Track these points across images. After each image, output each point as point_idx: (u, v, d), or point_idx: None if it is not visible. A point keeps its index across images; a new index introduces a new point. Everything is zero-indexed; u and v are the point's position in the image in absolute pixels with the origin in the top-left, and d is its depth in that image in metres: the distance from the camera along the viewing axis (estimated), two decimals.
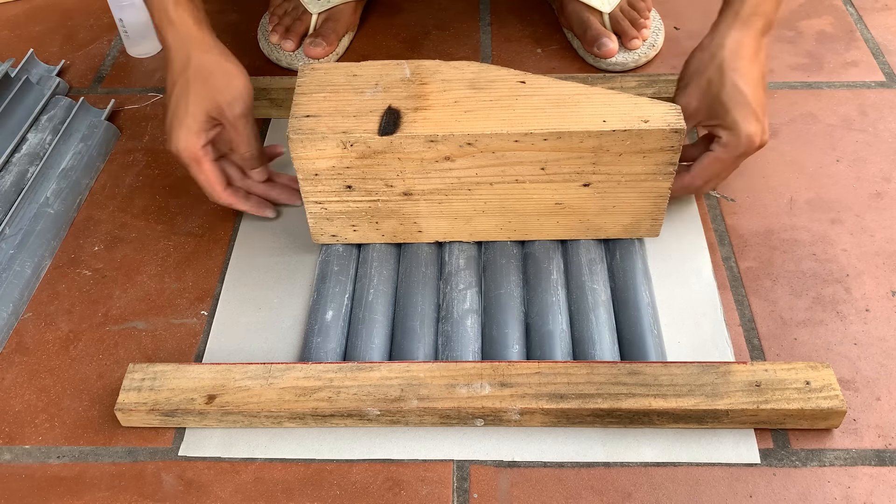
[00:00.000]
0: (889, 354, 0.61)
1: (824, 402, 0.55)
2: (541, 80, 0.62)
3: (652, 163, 0.60)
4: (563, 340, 0.61)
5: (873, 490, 0.54)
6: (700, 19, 0.94)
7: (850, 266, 0.67)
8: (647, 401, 0.55)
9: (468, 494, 0.55)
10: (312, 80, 0.63)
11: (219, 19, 0.96)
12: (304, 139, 0.59)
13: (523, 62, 0.89)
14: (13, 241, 0.69)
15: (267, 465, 0.57)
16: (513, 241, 0.67)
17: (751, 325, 0.64)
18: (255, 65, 0.90)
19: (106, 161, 0.80)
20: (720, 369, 0.56)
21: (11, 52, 0.92)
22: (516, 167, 0.61)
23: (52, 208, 0.72)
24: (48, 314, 0.67)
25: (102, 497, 0.55)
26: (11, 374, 0.63)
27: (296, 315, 0.65)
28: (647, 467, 0.56)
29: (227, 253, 0.71)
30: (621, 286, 0.65)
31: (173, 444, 0.58)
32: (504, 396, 0.56)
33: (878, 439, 0.57)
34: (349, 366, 0.58)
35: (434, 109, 0.60)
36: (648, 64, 0.87)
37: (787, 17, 0.94)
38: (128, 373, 0.58)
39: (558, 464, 0.56)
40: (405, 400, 0.56)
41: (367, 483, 0.55)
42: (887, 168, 0.75)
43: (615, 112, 0.59)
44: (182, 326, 0.65)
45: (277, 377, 0.57)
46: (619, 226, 0.66)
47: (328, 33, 0.88)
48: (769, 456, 0.56)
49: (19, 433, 0.59)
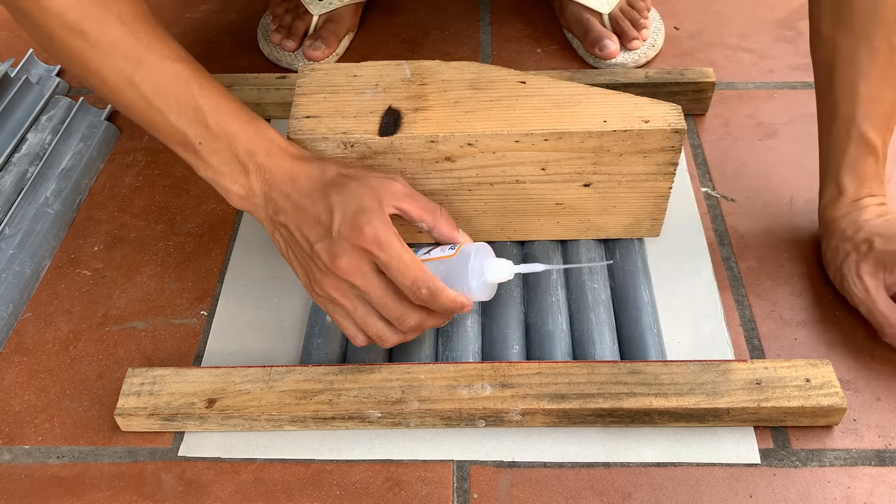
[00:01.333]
0: (889, 354, 0.61)
1: (824, 400, 0.55)
2: (541, 80, 0.62)
3: (652, 163, 0.60)
4: (563, 340, 0.61)
5: (873, 490, 0.54)
6: (700, 19, 0.94)
7: None
8: (648, 400, 0.55)
9: (468, 495, 0.55)
10: (312, 80, 0.63)
11: (219, 19, 0.96)
12: (304, 140, 0.59)
13: (523, 62, 0.89)
14: (13, 241, 0.69)
15: (267, 465, 0.57)
16: (513, 241, 0.67)
17: (751, 325, 0.64)
18: (255, 65, 0.90)
19: (106, 161, 0.80)
20: (720, 368, 0.56)
21: (11, 52, 0.92)
22: (517, 167, 0.61)
23: (52, 208, 0.72)
24: (48, 314, 0.67)
25: (102, 497, 0.55)
26: (11, 374, 0.63)
27: (296, 316, 0.65)
28: (647, 467, 0.56)
29: (227, 253, 0.71)
30: (621, 286, 0.65)
31: (173, 444, 0.58)
32: (505, 397, 0.56)
33: (878, 439, 0.57)
34: (349, 368, 0.58)
35: (434, 110, 0.60)
36: (648, 64, 0.88)
37: (787, 16, 0.94)
38: (127, 377, 0.58)
39: (558, 464, 0.56)
40: (406, 402, 0.56)
41: (367, 483, 0.55)
42: (887, 168, 0.75)
43: (616, 112, 0.59)
44: (182, 327, 0.65)
45: (278, 380, 0.57)
46: (619, 226, 0.66)
47: (328, 35, 0.88)
48: (769, 456, 0.56)
49: (19, 433, 0.59)
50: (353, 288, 0.52)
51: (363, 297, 0.52)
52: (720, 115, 0.82)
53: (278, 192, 0.53)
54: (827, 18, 0.61)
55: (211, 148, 0.53)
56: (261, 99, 0.80)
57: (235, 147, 0.53)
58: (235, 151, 0.53)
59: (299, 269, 0.55)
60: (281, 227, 0.54)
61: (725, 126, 0.81)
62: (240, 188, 0.54)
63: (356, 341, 0.55)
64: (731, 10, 0.95)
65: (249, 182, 0.54)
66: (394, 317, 0.53)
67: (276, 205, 0.53)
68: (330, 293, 0.53)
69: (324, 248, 0.51)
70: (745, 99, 0.83)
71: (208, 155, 0.54)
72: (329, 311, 0.55)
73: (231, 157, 0.54)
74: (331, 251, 0.51)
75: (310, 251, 0.52)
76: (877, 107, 0.61)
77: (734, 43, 0.91)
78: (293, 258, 0.55)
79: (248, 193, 0.54)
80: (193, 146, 0.53)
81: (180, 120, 0.53)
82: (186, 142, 0.53)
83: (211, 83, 0.54)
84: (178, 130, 0.53)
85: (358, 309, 0.53)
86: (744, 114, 0.82)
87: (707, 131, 0.80)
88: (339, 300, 0.53)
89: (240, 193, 0.54)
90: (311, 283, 0.54)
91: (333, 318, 0.55)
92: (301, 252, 0.53)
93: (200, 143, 0.53)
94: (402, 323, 0.53)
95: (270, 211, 0.54)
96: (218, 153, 0.54)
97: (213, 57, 0.91)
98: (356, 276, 0.51)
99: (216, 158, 0.54)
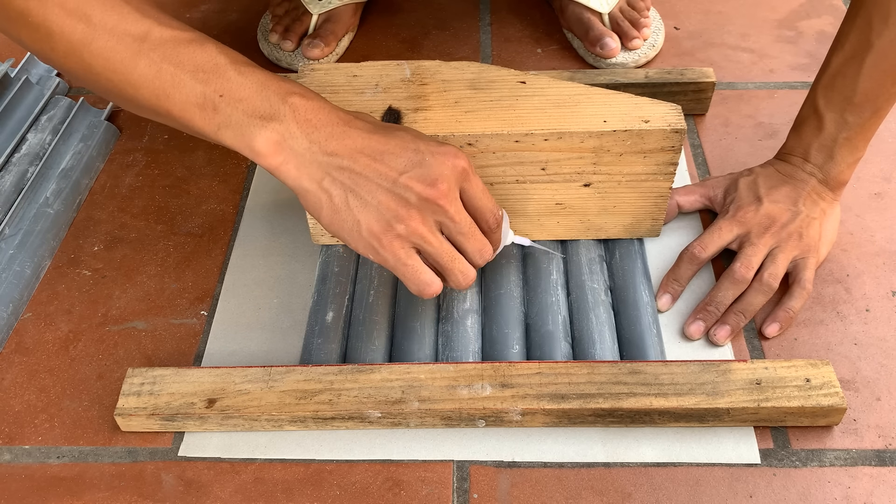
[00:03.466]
0: (889, 354, 0.61)
1: (824, 400, 0.55)
2: (541, 80, 0.62)
3: (653, 163, 0.60)
4: (563, 340, 0.61)
5: (873, 490, 0.54)
6: (700, 19, 0.94)
7: (850, 266, 0.67)
8: (648, 400, 0.55)
9: (468, 495, 0.55)
10: (312, 80, 0.63)
11: (219, 19, 0.96)
12: None
13: (523, 62, 0.89)
14: (13, 241, 0.69)
15: (267, 465, 0.57)
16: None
17: (751, 325, 0.64)
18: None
19: (106, 161, 0.80)
20: (720, 368, 0.56)
21: (11, 51, 0.92)
22: (517, 167, 0.61)
23: (52, 208, 0.72)
24: (48, 314, 0.67)
25: (102, 497, 0.55)
26: (11, 374, 0.63)
27: (296, 316, 0.65)
28: (648, 467, 0.56)
29: (227, 253, 0.71)
30: (621, 286, 0.65)
31: (173, 444, 0.58)
32: (505, 397, 0.56)
33: (878, 439, 0.57)
34: (349, 368, 0.58)
35: (434, 110, 0.60)
36: (649, 64, 0.88)
37: (787, 16, 0.94)
38: (127, 377, 0.58)
39: (558, 464, 0.56)
40: (406, 402, 0.56)
41: (367, 483, 0.55)
42: (887, 168, 0.75)
43: (616, 112, 0.59)
44: (182, 327, 0.65)
45: (278, 380, 0.57)
46: (619, 226, 0.66)
47: (327, 34, 0.88)
48: (769, 456, 0.56)
49: (19, 433, 0.59)
50: (439, 220, 0.50)
51: (448, 229, 0.51)
52: (720, 115, 0.82)
53: (329, 133, 0.48)
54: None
55: (235, 96, 0.47)
56: None
57: (267, 87, 0.48)
58: (267, 92, 0.47)
59: (371, 214, 0.49)
60: (340, 170, 0.48)
61: (725, 126, 0.81)
62: (272, 132, 0.47)
63: (430, 290, 0.52)
64: (731, 10, 0.95)
65: (286, 125, 0.48)
66: (477, 248, 0.52)
67: (330, 146, 0.48)
68: (417, 229, 0.49)
69: (417, 175, 0.48)
70: (745, 99, 0.83)
71: (231, 106, 0.47)
72: (400, 260, 0.50)
73: (262, 100, 0.47)
74: (427, 177, 0.48)
75: (394, 184, 0.48)
76: (837, 81, 0.62)
77: (734, 43, 0.91)
78: (358, 205, 0.49)
79: (284, 137, 0.48)
80: (213, 101, 0.47)
81: (197, 77, 0.47)
82: (204, 100, 0.47)
83: (228, 48, 0.49)
84: (194, 90, 0.47)
85: (443, 244, 0.51)
86: (744, 114, 0.82)
87: (707, 131, 0.80)
88: (426, 236, 0.50)
89: (272, 139, 0.47)
90: (390, 225, 0.49)
91: (402, 268, 0.51)
92: (378, 191, 0.48)
93: (221, 96, 0.47)
94: (483, 254, 0.52)
95: (320, 155, 0.48)
96: (243, 101, 0.47)
97: None
98: (452, 203, 0.49)
99: (241, 106, 0.47)
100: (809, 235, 0.64)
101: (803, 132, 0.66)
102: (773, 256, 0.63)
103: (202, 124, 0.48)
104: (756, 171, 0.68)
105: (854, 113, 0.62)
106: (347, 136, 0.49)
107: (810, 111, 0.65)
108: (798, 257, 0.64)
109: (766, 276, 0.62)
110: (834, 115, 0.63)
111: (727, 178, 0.69)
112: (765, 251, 0.63)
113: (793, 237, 0.64)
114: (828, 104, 0.63)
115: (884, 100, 0.61)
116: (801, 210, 0.64)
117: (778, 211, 0.64)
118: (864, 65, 0.60)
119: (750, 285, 0.63)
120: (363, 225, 0.49)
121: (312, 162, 0.48)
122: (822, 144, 0.65)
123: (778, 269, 0.62)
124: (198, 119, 0.48)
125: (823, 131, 0.64)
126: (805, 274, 0.63)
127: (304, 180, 0.49)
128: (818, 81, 0.64)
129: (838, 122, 0.63)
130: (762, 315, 0.63)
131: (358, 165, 0.48)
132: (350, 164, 0.48)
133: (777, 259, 0.63)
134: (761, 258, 0.63)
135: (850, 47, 0.61)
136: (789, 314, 0.62)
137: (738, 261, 0.63)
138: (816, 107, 0.64)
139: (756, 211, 0.65)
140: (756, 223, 0.64)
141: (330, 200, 0.49)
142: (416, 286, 0.52)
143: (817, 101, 0.64)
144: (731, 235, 0.65)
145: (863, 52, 0.60)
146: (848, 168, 0.65)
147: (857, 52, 0.60)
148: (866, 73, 0.60)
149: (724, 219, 0.65)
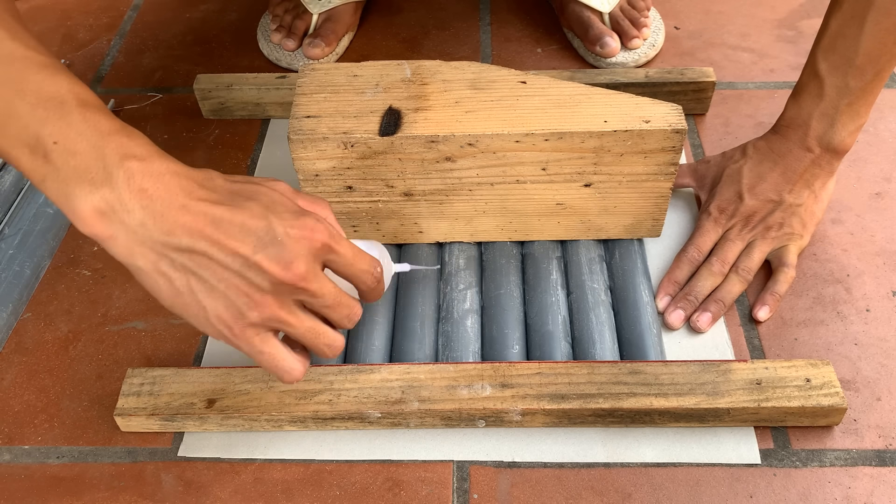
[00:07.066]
0: (889, 354, 0.61)
1: (825, 400, 0.55)
2: (542, 80, 0.62)
3: (653, 163, 0.60)
4: (563, 340, 0.61)
5: (874, 490, 0.54)
6: (700, 19, 0.94)
7: (850, 266, 0.67)
8: (648, 400, 0.55)
9: (468, 495, 0.55)
10: (313, 80, 0.63)
11: (219, 19, 0.96)
12: (304, 140, 0.59)
13: (523, 62, 0.89)
14: (13, 241, 0.69)
15: (266, 465, 0.57)
16: (513, 241, 0.67)
17: (751, 325, 0.64)
18: (255, 65, 0.89)
19: None
20: (721, 368, 0.56)
21: None
22: (517, 167, 0.61)
23: (52, 208, 0.72)
24: (47, 314, 0.67)
25: (102, 497, 0.55)
26: (11, 374, 0.63)
27: None
28: (648, 467, 0.56)
29: None
30: (621, 286, 0.65)
31: (173, 444, 0.58)
32: (505, 397, 0.56)
33: (878, 439, 0.57)
34: (349, 368, 0.58)
35: (435, 110, 0.60)
36: (649, 64, 0.88)
37: (787, 16, 0.94)
38: (126, 377, 0.58)
39: (558, 464, 0.56)
40: (406, 402, 0.56)
41: (367, 483, 0.55)
42: (887, 168, 0.75)
43: (616, 112, 0.59)
44: (182, 327, 0.65)
45: (277, 380, 0.57)
46: (620, 226, 0.66)
47: (327, 34, 0.88)
48: (770, 456, 0.56)
49: (19, 433, 0.59)
50: (299, 299, 0.45)
51: (311, 304, 0.46)
52: (720, 114, 0.82)
53: (166, 205, 0.42)
54: None
55: (69, 147, 0.41)
56: (261, 99, 0.80)
57: (106, 143, 0.41)
58: (104, 150, 0.41)
59: (219, 301, 0.44)
60: (179, 252, 0.42)
61: (726, 126, 0.80)
62: (99, 201, 0.41)
63: (291, 377, 0.47)
64: (731, 9, 0.95)
65: (117, 193, 0.41)
66: (344, 314, 0.47)
67: (167, 223, 0.42)
68: (273, 314, 0.44)
69: (269, 256, 0.43)
70: (746, 99, 0.83)
71: (62, 158, 0.41)
72: (255, 348, 0.46)
73: (96, 159, 0.41)
74: (281, 258, 0.43)
75: (243, 266, 0.43)
76: (838, 43, 0.62)
77: (734, 43, 0.91)
78: (203, 291, 0.43)
79: (114, 207, 0.41)
80: (45, 148, 0.41)
81: (36, 113, 0.40)
82: (37, 143, 0.41)
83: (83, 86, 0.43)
84: (28, 129, 0.40)
85: (304, 321, 0.46)
86: (744, 114, 0.82)
87: (707, 131, 0.80)
88: (284, 318, 0.45)
89: (98, 207, 0.41)
90: (241, 314, 0.44)
91: (258, 356, 0.46)
92: (225, 274, 0.43)
93: (56, 143, 0.41)
94: (352, 318, 0.48)
95: (156, 233, 0.42)
96: (76, 155, 0.41)
97: (213, 57, 0.91)
98: (311, 282, 0.44)
99: (73, 162, 0.41)
100: (791, 224, 0.65)
101: (803, 100, 0.65)
102: (748, 250, 0.65)
103: (29, 169, 0.41)
104: (748, 152, 0.69)
105: (856, 76, 0.61)
106: (188, 210, 0.42)
107: (810, 77, 0.64)
108: (778, 246, 0.66)
109: (740, 269, 0.64)
110: (835, 80, 0.62)
111: (716, 165, 0.70)
112: (742, 245, 0.65)
113: (772, 229, 0.65)
114: (829, 68, 0.62)
115: (886, 60, 0.60)
116: (785, 199, 0.65)
117: (758, 205, 0.66)
118: (866, 24, 0.59)
119: (727, 275, 0.64)
120: (210, 312, 0.44)
121: (146, 240, 0.42)
122: (824, 113, 0.64)
123: (752, 262, 0.64)
124: (25, 162, 0.41)
125: (824, 98, 0.63)
126: (788, 259, 0.65)
127: (138, 259, 0.43)
128: (817, 45, 0.63)
129: (840, 88, 0.62)
130: (752, 301, 0.65)
131: (200, 245, 0.42)
132: (191, 243, 0.42)
133: (752, 253, 0.65)
134: (738, 252, 0.65)
135: (848, 7, 0.60)
136: (776, 297, 0.64)
137: (714, 255, 0.65)
138: (817, 71, 0.63)
139: (736, 209, 0.66)
140: (736, 221, 0.66)
141: (170, 284, 0.44)
142: (276, 374, 0.47)
143: (818, 66, 0.63)
144: (716, 235, 0.67)
145: (863, 10, 0.59)
146: (850, 136, 0.65)
147: (858, 11, 0.59)
148: (868, 33, 0.59)
149: (708, 220, 0.67)
